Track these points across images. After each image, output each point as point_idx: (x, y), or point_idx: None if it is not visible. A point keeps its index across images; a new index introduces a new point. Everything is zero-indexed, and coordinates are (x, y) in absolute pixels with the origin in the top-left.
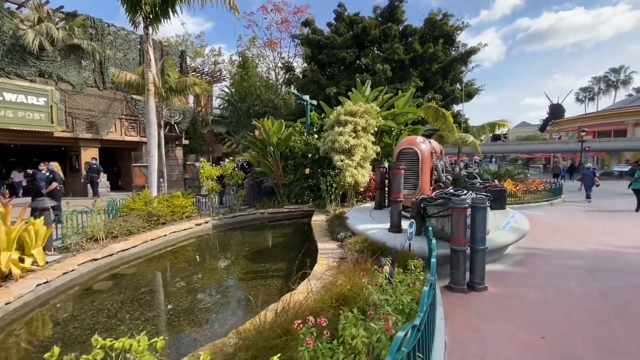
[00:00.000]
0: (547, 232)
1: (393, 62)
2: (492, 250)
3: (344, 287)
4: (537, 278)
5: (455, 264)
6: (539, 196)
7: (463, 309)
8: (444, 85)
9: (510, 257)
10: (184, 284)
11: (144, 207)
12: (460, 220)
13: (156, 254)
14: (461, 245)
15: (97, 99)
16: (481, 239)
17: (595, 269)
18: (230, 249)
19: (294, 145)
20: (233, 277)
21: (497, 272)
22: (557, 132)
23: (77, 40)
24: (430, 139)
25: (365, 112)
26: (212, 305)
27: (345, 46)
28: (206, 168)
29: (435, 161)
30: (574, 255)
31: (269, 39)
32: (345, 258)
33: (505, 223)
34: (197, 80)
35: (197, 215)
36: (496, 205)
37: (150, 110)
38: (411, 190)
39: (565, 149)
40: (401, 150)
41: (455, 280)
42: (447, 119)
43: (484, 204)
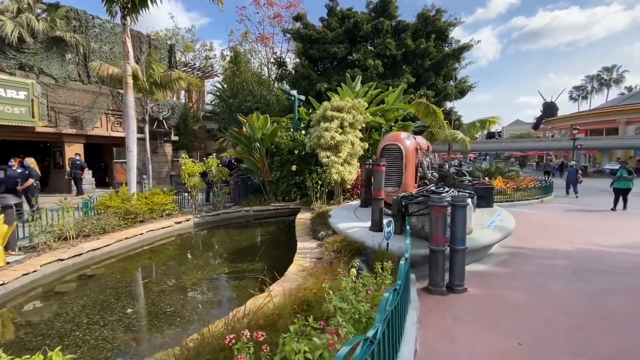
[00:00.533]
0: (535, 230)
1: (385, 57)
2: (474, 250)
3: (310, 291)
4: (520, 279)
5: (433, 264)
6: (529, 194)
7: (439, 312)
8: (437, 82)
9: (494, 257)
10: (154, 285)
11: (121, 205)
12: (439, 219)
13: (131, 253)
14: (440, 245)
15: (82, 93)
16: (461, 238)
17: (581, 270)
18: (209, 249)
19: (280, 141)
20: (207, 278)
21: (479, 272)
22: (551, 130)
23: (59, 32)
24: (418, 135)
25: (352, 108)
26: (178, 309)
27: (337, 41)
28: (188, 164)
29: (420, 158)
30: (561, 254)
31: (261, 33)
32: (322, 258)
33: (491, 221)
34: (183, 74)
35: (178, 213)
36: (483, 203)
37: (129, 105)
38: (395, 188)
39: (558, 147)
40: (385, 146)
41: (434, 282)
42: (438, 115)
43: (463, 203)
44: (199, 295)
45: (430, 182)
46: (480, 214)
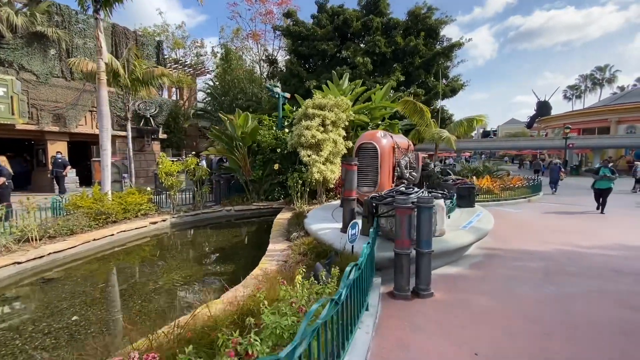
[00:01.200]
0: (516, 230)
1: (374, 55)
2: (446, 252)
3: (257, 299)
4: (490, 282)
5: (398, 268)
6: (517, 193)
7: (399, 319)
8: (427, 80)
9: (469, 259)
10: (110, 290)
11: (92, 205)
12: (404, 220)
13: (99, 255)
14: (404, 248)
15: (64, 90)
16: (427, 241)
17: (553, 272)
18: (181, 250)
19: (262, 139)
20: (170, 283)
21: (450, 275)
22: (544, 129)
23: (40, 27)
24: (400, 134)
25: (335, 106)
26: (129, 316)
27: (326, 38)
28: (165, 163)
29: (397, 157)
30: (536, 256)
31: (252, 30)
32: (288, 261)
33: (468, 222)
34: (166, 70)
35: (155, 213)
36: (464, 203)
37: (102, 102)
38: (371, 188)
39: (550, 146)
40: (360, 145)
41: (399, 286)
42: (425, 113)
43: (429, 204)
44: (153, 302)
45: (408, 182)
46: (459, 214)
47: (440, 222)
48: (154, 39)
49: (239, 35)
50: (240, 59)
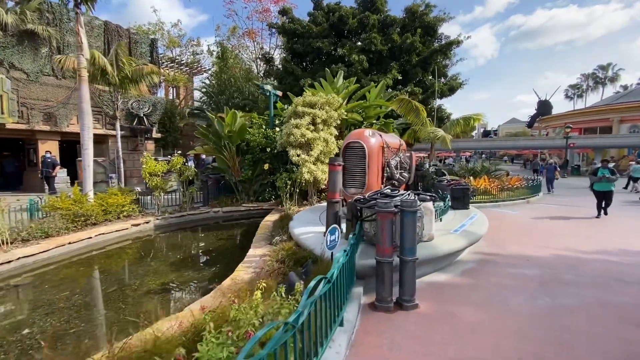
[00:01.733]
0: (513, 234)
1: (370, 53)
2: (435, 259)
3: (216, 316)
4: (481, 292)
5: (379, 277)
6: (515, 194)
7: (377, 336)
8: (425, 78)
9: (460, 265)
10: (77, 299)
11: (70, 206)
12: (385, 225)
13: (74, 259)
14: (386, 255)
15: (55, 88)
16: (410, 248)
17: (549, 281)
18: (159, 255)
19: (251, 138)
20: (140, 290)
21: (438, 283)
22: (545, 129)
23: (31, 25)
24: (392, 133)
25: (326, 104)
26: (86, 328)
27: (322, 36)
28: (149, 164)
29: (387, 157)
30: (533, 262)
31: (249, 28)
32: (264, 269)
33: (460, 225)
34: (155, 68)
35: (139, 215)
36: (459, 205)
37: (83, 99)
38: (358, 189)
39: (551, 146)
40: (348, 144)
41: (380, 297)
42: (420, 112)
43: (412, 208)
44: (108, 316)
45: (399, 183)
46: (452, 216)
47: (429, 226)
48: (147, 37)
49: (236, 33)
50: (236, 57)
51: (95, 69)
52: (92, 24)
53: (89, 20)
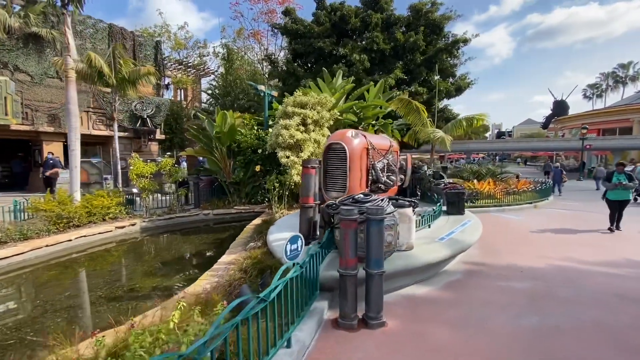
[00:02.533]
0: (511, 242)
1: (372, 52)
2: (413, 270)
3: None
4: (460, 309)
5: (342, 292)
6: (522, 198)
7: (330, 358)
8: (430, 78)
9: (445, 276)
10: (38, 307)
11: (53, 208)
12: (348, 235)
13: (51, 262)
14: (349, 267)
15: (59, 90)
16: (376, 260)
17: (540, 296)
18: (137, 259)
19: (242, 139)
20: (105, 297)
21: (415, 297)
22: (561, 130)
23: (35, 28)
24: (383, 134)
25: (317, 104)
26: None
27: (323, 36)
28: (137, 165)
29: (372, 159)
30: (527, 274)
31: (254, 30)
32: (225, 279)
33: (449, 232)
34: (152, 69)
35: (125, 217)
36: (453, 210)
37: (70, 100)
38: (340, 193)
39: (566, 147)
40: (329, 145)
41: (343, 314)
42: (421, 113)
43: (379, 215)
44: (56, 323)
45: (385, 187)
46: (444, 222)
47: (407, 234)
48: (152, 39)
49: (242, 35)
50: (242, 59)
51: (92, 71)
52: (96, 27)
53: (93, 23)
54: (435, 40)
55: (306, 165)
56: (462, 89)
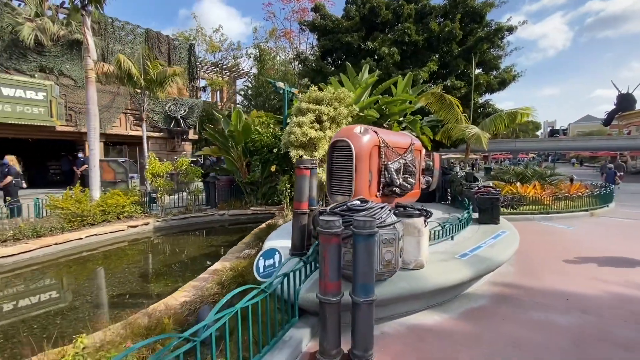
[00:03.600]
0: (558, 257)
1: (403, 44)
2: (421, 294)
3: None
4: (478, 348)
5: (322, 322)
6: (576, 204)
7: None
8: (469, 71)
9: (465, 301)
10: (21, 310)
11: (69, 206)
12: (328, 253)
13: (58, 261)
14: (329, 293)
15: (100, 93)
16: (364, 285)
17: (591, 338)
18: (141, 260)
19: (258, 138)
20: (88, 304)
21: (421, 328)
22: (627, 127)
23: (78, 35)
24: (405, 131)
25: (334, 99)
26: None
27: (352, 30)
28: (153, 164)
29: (386, 158)
30: (573, 303)
31: (285, 29)
32: (200, 293)
33: (475, 247)
34: (178, 69)
35: (141, 216)
36: (486, 218)
37: (90, 100)
38: (346, 196)
39: (632, 146)
40: (334, 143)
41: (323, 349)
42: (454, 107)
43: (367, 229)
44: (32, 330)
45: (401, 190)
46: (472, 233)
47: (415, 250)
48: (186, 42)
49: (275, 35)
50: (274, 59)
51: (122, 73)
52: (134, 32)
53: (131, 29)
54: (476, 30)
55: (299, 165)
56: (506, 82)
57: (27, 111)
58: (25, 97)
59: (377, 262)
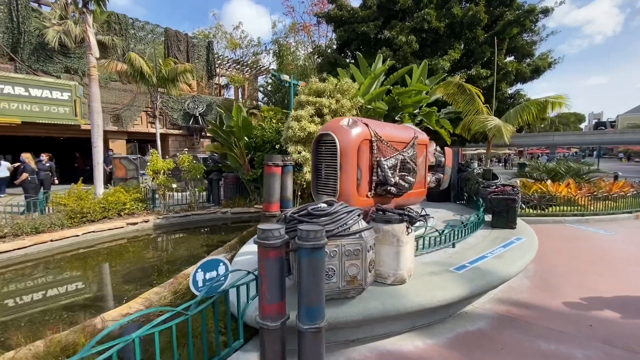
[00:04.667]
0: (586, 269)
1: (423, 32)
2: (397, 316)
3: None
4: None
5: (261, 350)
6: (618, 205)
7: None
8: (498, 59)
9: (460, 321)
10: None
11: (70, 203)
12: (266, 270)
13: (50, 258)
14: (267, 317)
15: (121, 92)
16: (309, 310)
17: None
18: (133, 258)
19: (259, 133)
20: (60, 308)
21: (395, 355)
22: None
23: (100, 36)
24: (407, 124)
25: (337, 91)
26: None
27: (368, 20)
28: (154, 161)
29: (380, 154)
30: (597, 333)
31: (304, 22)
32: (149, 304)
33: (476, 258)
34: (189, 66)
35: (143, 212)
36: (500, 222)
37: (93, 98)
38: (331, 196)
39: None
40: (319, 137)
41: None
42: (475, 98)
43: (312, 241)
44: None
45: (399, 191)
46: (480, 240)
47: (393, 261)
48: (205, 40)
49: (295, 29)
50: (293, 54)
51: (134, 71)
52: (154, 32)
53: (151, 29)
54: (506, 14)
55: (268, 162)
56: (540, 70)
57: (53, 111)
58: (51, 98)
59: (339, 278)
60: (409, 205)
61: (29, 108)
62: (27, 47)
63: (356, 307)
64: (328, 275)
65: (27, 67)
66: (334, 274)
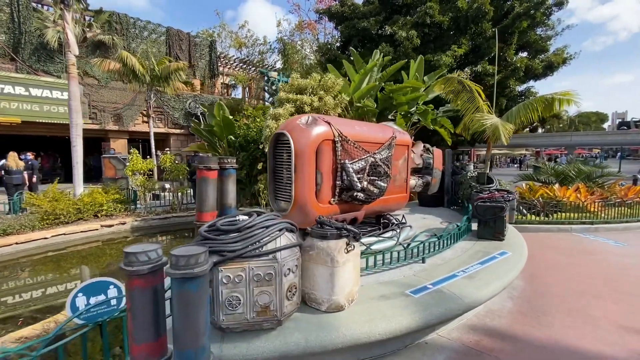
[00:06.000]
0: (585, 292)
1: (425, 27)
2: (324, 352)
3: None
4: None
5: None
6: (632, 212)
7: None
8: (506, 54)
9: (415, 355)
10: None
11: (43, 204)
12: (132, 302)
13: (18, 261)
14: (141, 356)
15: (122, 92)
16: (182, 354)
17: None
18: (93, 262)
19: (243, 133)
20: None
21: None
22: None
23: (101, 36)
24: (389, 123)
25: (321, 88)
26: None
27: (370, 15)
28: (134, 160)
29: (346, 156)
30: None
31: (309, 19)
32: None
33: (443, 278)
34: (181, 64)
35: (122, 214)
36: (486, 233)
37: (73, 96)
38: (287, 203)
39: None
40: (275, 137)
41: None
42: (474, 95)
43: (183, 270)
44: None
45: (368, 197)
46: (456, 254)
47: (327, 285)
48: (207, 39)
49: (300, 27)
50: (298, 52)
51: (127, 69)
52: (156, 31)
53: (153, 28)
54: (515, 6)
55: (200, 165)
56: (554, 66)
57: (53, 110)
58: (51, 97)
59: (246, 308)
60: (388, 212)
61: (29, 107)
62: (28, 47)
63: (272, 342)
64: (232, 305)
65: (28, 67)
66: (239, 303)
